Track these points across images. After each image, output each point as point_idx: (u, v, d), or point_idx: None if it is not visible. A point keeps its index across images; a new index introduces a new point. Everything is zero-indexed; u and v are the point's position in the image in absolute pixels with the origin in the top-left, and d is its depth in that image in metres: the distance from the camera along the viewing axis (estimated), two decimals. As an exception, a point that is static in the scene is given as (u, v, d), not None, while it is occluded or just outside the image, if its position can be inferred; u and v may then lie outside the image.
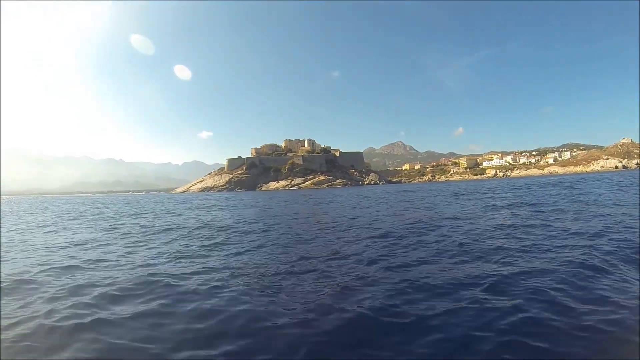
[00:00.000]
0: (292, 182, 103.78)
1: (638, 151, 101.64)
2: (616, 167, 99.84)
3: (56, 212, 17.12)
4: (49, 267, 4.37)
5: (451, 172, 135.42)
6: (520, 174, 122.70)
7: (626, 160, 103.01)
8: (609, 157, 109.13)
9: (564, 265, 3.43)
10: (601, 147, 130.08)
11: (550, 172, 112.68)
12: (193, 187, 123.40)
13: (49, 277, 3.86)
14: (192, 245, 5.86)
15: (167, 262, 4.57)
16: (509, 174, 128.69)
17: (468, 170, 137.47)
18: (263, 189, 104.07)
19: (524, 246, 4.48)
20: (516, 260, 3.79)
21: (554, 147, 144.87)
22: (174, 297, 3.02)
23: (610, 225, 5.67)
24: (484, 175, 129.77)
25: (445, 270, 3.54)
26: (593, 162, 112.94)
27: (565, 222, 6.40)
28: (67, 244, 6.44)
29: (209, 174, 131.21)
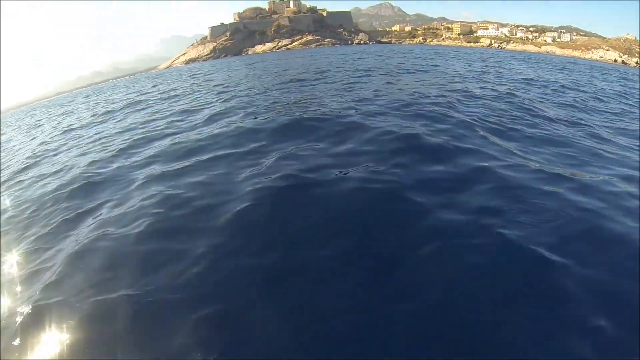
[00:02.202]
0: (279, 44, 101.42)
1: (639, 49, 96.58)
2: (615, 60, 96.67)
3: None
4: None
5: (443, 36, 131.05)
6: (517, 47, 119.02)
7: (626, 56, 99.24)
8: (610, 48, 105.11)
9: None
10: (602, 37, 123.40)
11: (547, 52, 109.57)
12: (177, 61, 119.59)
13: None
14: None
15: None
16: (504, 46, 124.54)
17: (461, 36, 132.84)
18: (249, 52, 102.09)
19: None
20: None
21: (553, 27, 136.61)
22: None
23: None
24: (478, 44, 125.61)
25: None
26: (593, 50, 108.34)
27: None
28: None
29: (192, 45, 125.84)
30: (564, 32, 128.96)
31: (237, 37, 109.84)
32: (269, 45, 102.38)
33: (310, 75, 14.30)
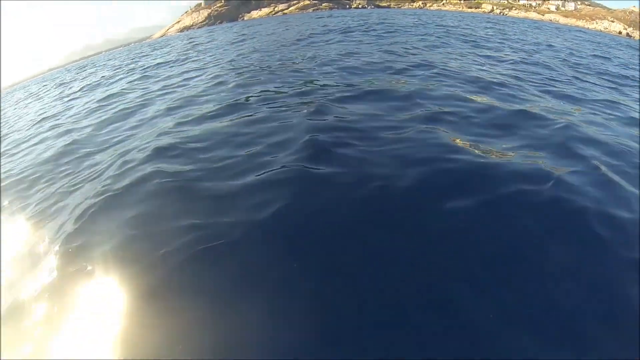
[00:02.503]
0: (275, 9, 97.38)
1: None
2: (620, 32, 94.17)
3: None
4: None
5: (444, 1, 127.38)
6: (519, 14, 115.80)
7: (631, 29, 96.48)
8: (615, 20, 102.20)
9: None
10: (607, 9, 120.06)
11: (551, 20, 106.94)
12: (171, 30, 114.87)
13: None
14: None
15: None
16: (506, 13, 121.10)
17: (462, 1, 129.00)
18: (245, 18, 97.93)
19: None
20: None
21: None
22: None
23: None
24: (479, 10, 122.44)
25: None
26: (597, 20, 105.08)
27: None
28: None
29: (185, 12, 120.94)
30: (568, 1, 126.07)
31: (232, 3, 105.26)
32: (265, 10, 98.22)
33: (322, 35, 13.57)
